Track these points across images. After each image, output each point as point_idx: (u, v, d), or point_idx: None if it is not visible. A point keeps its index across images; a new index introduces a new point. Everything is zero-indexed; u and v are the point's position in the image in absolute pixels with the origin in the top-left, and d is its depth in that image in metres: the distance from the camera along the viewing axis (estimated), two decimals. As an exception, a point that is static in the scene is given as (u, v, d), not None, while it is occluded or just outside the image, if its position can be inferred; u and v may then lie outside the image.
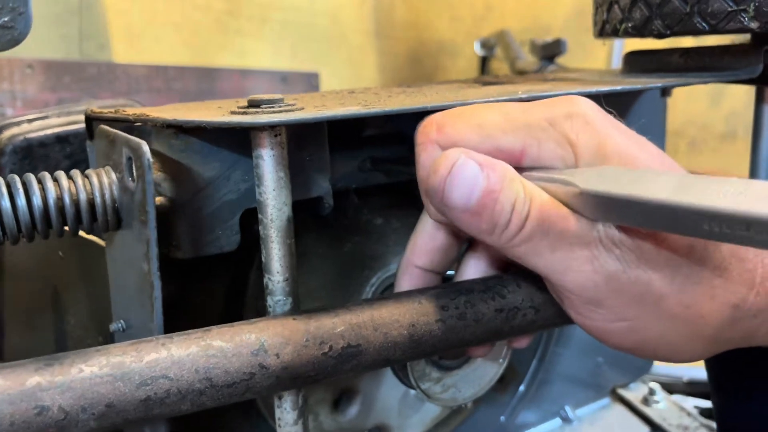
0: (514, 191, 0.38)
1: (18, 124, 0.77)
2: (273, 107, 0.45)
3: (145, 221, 0.42)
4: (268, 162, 0.44)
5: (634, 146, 0.40)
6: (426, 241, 0.49)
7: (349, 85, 2.12)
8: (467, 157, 0.38)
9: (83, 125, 0.56)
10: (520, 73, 1.65)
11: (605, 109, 0.42)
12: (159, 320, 0.44)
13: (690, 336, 0.41)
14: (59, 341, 0.63)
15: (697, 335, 0.41)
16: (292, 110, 0.45)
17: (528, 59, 1.77)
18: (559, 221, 0.39)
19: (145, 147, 0.41)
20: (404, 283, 0.50)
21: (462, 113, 0.41)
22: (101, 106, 0.76)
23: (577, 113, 0.40)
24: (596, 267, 0.39)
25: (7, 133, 0.75)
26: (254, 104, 0.46)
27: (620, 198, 0.35)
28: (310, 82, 1.94)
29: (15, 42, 0.36)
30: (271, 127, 0.43)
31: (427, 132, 0.42)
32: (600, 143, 0.39)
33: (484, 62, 2.10)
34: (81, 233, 0.53)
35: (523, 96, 0.53)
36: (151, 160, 0.41)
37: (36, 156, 0.75)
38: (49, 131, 0.76)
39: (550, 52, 1.62)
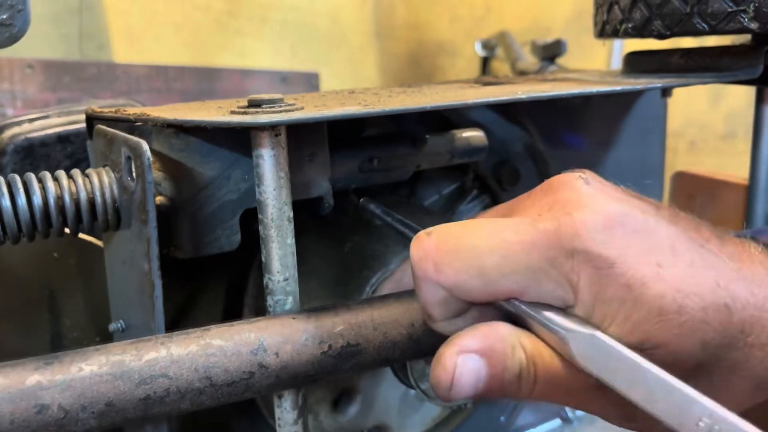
0: (517, 363, 0.39)
1: (19, 123, 0.77)
2: (273, 107, 0.45)
3: (146, 220, 0.42)
4: (268, 162, 0.44)
5: (644, 271, 0.37)
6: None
7: (349, 85, 2.12)
8: (466, 355, 0.39)
9: (84, 125, 0.56)
10: (521, 74, 1.66)
11: (627, 186, 0.40)
12: (160, 320, 0.44)
13: None
14: (54, 343, 0.62)
15: None
16: (292, 110, 0.45)
17: (529, 60, 1.77)
18: (563, 379, 0.39)
19: (145, 146, 0.41)
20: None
21: (458, 251, 0.39)
22: (102, 106, 0.76)
23: (579, 250, 0.37)
24: (605, 402, 0.40)
25: (9, 133, 0.75)
26: (254, 104, 0.46)
27: (614, 387, 0.36)
28: (310, 82, 1.94)
29: (14, 39, 0.36)
30: (272, 127, 0.43)
31: (424, 269, 0.40)
32: (600, 290, 0.37)
33: (485, 63, 2.11)
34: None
35: (523, 96, 0.53)
36: (151, 158, 0.41)
37: (37, 156, 0.75)
38: (50, 131, 0.76)
39: (550, 52, 1.63)
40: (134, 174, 0.43)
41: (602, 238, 0.37)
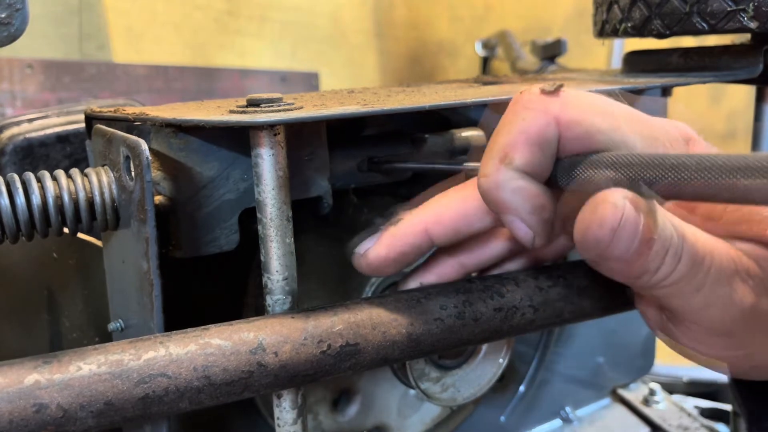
0: (668, 234, 0.35)
1: (18, 123, 0.77)
2: (272, 106, 0.45)
3: (145, 220, 0.42)
4: (267, 161, 0.44)
5: None
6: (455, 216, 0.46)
7: (349, 85, 2.12)
8: (631, 205, 0.34)
9: (83, 125, 0.56)
10: (521, 73, 1.66)
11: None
12: (159, 319, 0.44)
13: None
14: (54, 343, 0.62)
15: None
16: (291, 109, 0.45)
17: (529, 59, 1.77)
18: (706, 258, 0.36)
19: (144, 145, 0.41)
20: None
21: (580, 96, 0.39)
22: (102, 105, 0.75)
23: (694, 138, 0.45)
24: (735, 301, 0.37)
25: (8, 133, 0.75)
26: (253, 103, 0.46)
27: None
28: (309, 82, 1.94)
29: (12, 38, 0.36)
30: (270, 126, 0.43)
31: (544, 101, 0.38)
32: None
33: (486, 62, 2.11)
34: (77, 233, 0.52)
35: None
36: (150, 158, 0.41)
37: (36, 156, 0.75)
38: (49, 131, 0.76)
39: (550, 52, 1.62)
40: (133, 173, 0.43)
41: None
